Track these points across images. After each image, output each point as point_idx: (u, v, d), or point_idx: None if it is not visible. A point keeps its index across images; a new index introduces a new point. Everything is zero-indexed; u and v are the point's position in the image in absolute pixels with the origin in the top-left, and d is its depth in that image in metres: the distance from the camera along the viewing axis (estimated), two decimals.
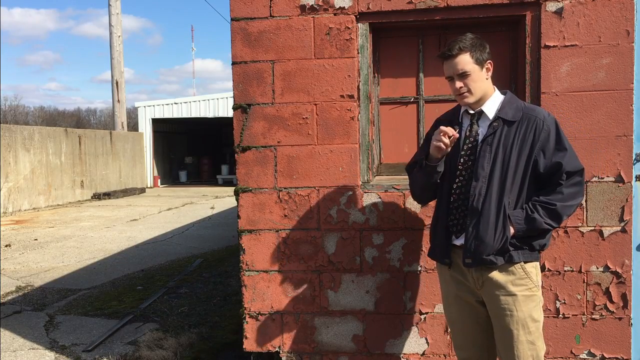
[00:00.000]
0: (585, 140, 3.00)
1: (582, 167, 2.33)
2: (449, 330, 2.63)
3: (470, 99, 2.35)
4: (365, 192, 3.21)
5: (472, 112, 2.39)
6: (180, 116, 22.08)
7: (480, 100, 2.37)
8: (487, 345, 2.50)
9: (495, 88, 2.43)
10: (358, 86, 3.20)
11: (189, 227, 10.73)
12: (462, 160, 2.38)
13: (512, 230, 2.29)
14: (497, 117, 2.33)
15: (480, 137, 2.36)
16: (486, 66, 2.34)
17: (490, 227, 2.28)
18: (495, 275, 2.33)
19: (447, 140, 2.31)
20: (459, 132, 2.42)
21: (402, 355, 3.25)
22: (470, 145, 2.37)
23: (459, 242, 2.40)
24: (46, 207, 14.90)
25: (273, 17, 3.20)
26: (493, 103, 2.37)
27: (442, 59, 2.34)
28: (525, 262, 2.34)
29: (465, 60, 2.28)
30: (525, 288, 2.33)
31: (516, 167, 2.29)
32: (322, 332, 3.29)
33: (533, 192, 2.35)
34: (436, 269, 2.68)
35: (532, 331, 2.31)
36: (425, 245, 3.17)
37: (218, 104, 21.55)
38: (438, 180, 2.48)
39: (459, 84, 2.32)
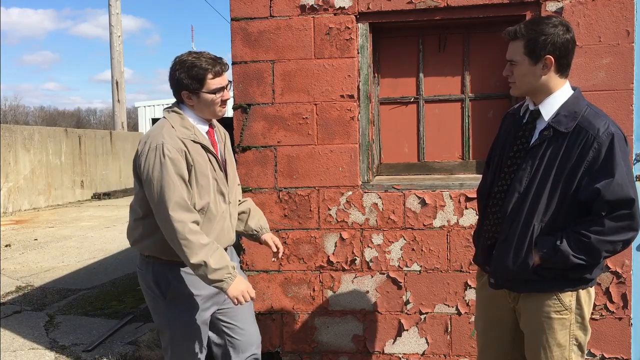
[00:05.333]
0: None
1: (631, 197, 1.92)
2: (477, 342, 2.50)
3: (514, 91, 2.13)
4: (365, 192, 3.21)
5: (532, 108, 2.12)
6: None
7: (540, 95, 2.08)
8: None
9: (566, 84, 2.08)
10: (358, 86, 3.20)
11: None
12: (509, 162, 2.13)
13: (536, 259, 2.02)
14: (549, 126, 2.03)
15: (531, 142, 2.08)
16: (544, 62, 2.01)
17: (512, 249, 2.06)
18: (527, 294, 2.13)
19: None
20: (519, 124, 2.16)
21: (402, 355, 3.25)
22: (520, 147, 2.11)
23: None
24: (46, 207, 14.90)
25: (273, 17, 3.20)
26: (553, 103, 2.06)
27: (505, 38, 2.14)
28: (560, 292, 2.08)
29: (516, 49, 2.05)
30: (553, 310, 2.09)
31: (554, 189, 1.99)
32: (322, 332, 3.29)
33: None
34: (476, 276, 2.43)
35: (555, 355, 2.10)
36: (425, 245, 3.17)
37: None
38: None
39: (506, 70, 2.11)
